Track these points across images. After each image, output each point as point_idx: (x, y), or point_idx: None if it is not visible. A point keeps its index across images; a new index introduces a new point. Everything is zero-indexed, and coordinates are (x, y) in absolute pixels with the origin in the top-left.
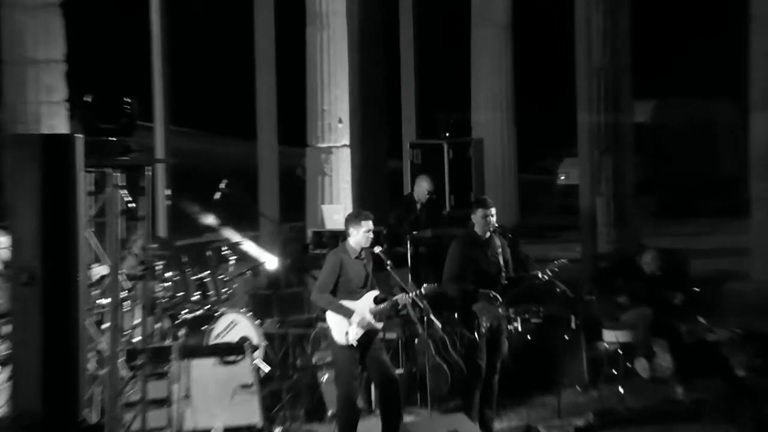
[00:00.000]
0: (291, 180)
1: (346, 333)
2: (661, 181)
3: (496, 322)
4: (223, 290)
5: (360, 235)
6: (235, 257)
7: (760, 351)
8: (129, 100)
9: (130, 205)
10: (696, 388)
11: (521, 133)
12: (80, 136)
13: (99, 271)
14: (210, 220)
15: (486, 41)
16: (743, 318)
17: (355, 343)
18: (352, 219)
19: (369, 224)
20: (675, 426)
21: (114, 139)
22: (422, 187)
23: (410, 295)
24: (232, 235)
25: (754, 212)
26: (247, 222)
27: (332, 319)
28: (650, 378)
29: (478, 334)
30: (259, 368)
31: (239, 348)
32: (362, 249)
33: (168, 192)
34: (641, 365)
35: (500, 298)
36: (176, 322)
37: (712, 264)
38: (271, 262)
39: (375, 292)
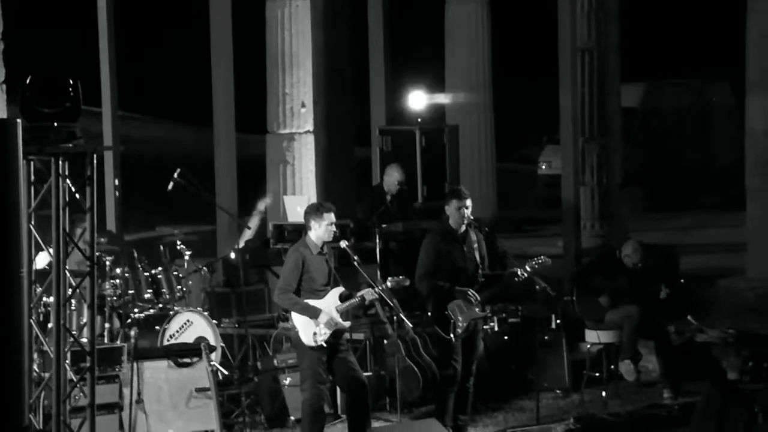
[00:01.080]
0: (250, 169)
1: (314, 334)
2: (650, 170)
3: (471, 321)
4: (178, 288)
5: (322, 229)
6: (189, 252)
7: (753, 353)
8: (73, 83)
9: (75, 195)
10: (684, 393)
11: (499, 119)
12: (19, 121)
13: (40, 260)
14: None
15: (462, 18)
16: (736, 317)
17: (323, 344)
18: (313, 212)
19: (331, 217)
20: None
21: (57, 124)
22: (392, 177)
23: (376, 289)
24: None
25: (749, 205)
26: (202, 214)
27: (298, 320)
28: (635, 381)
29: (452, 335)
30: (216, 371)
31: (195, 349)
32: (324, 244)
33: (116, 182)
34: (626, 368)
35: (476, 297)
36: (127, 321)
37: (705, 260)
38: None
39: (339, 289)
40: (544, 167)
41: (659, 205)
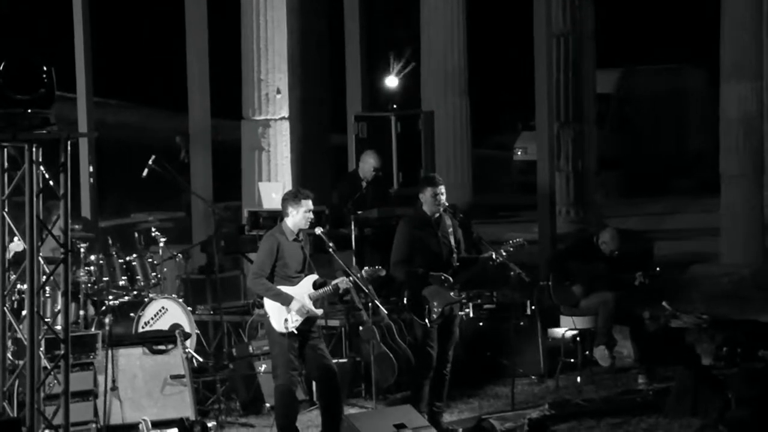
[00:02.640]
0: (225, 155)
1: (285, 320)
2: (625, 156)
3: (447, 306)
4: (152, 274)
5: (299, 216)
6: (164, 239)
7: (727, 339)
8: (47, 69)
9: (48, 182)
10: (659, 378)
11: (475, 106)
12: None
13: (13, 247)
14: None
15: (437, 4)
16: (711, 303)
17: (294, 331)
18: (291, 198)
19: (308, 204)
20: (635, 418)
21: (30, 110)
22: (368, 164)
23: (351, 278)
24: None
25: (723, 190)
26: (177, 201)
27: (270, 306)
28: (610, 367)
29: (428, 321)
30: (191, 358)
31: (170, 336)
32: (300, 231)
33: (91, 169)
34: (601, 354)
35: (452, 282)
36: (101, 308)
37: (680, 246)
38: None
39: (314, 277)
40: (519, 153)
41: (634, 190)
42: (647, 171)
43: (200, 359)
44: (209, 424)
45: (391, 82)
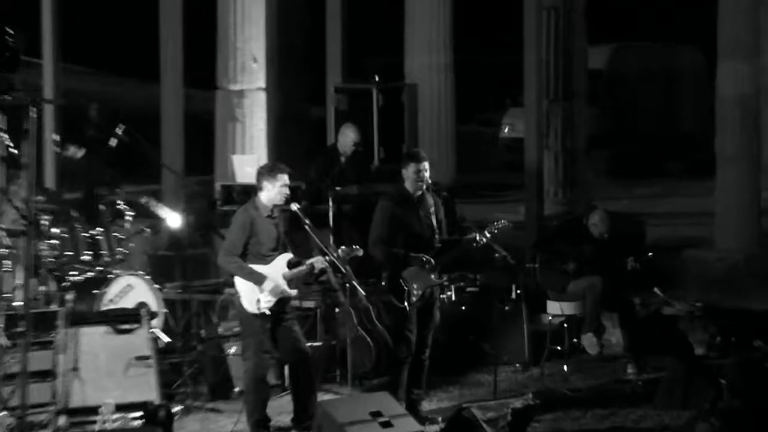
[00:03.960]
0: (197, 127)
1: (258, 301)
2: (617, 135)
3: (428, 290)
4: (118, 249)
5: (274, 191)
6: (132, 213)
7: (721, 327)
8: (12, 32)
9: (11, 150)
10: (649, 368)
11: (461, 80)
12: None
13: None
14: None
15: None
16: (704, 290)
17: (267, 312)
18: (266, 172)
19: (284, 178)
20: (624, 409)
21: None
22: (347, 138)
23: (327, 257)
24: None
25: (718, 173)
26: (147, 174)
27: (241, 285)
28: (598, 355)
29: (407, 303)
30: (157, 338)
31: (135, 315)
32: (275, 207)
33: (56, 137)
34: (589, 341)
35: (433, 263)
36: (63, 284)
37: (673, 229)
38: (173, 219)
39: (288, 255)
40: (506, 130)
41: (625, 171)
42: (639, 151)
43: (167, 340)
44: (175, 409)
45: None
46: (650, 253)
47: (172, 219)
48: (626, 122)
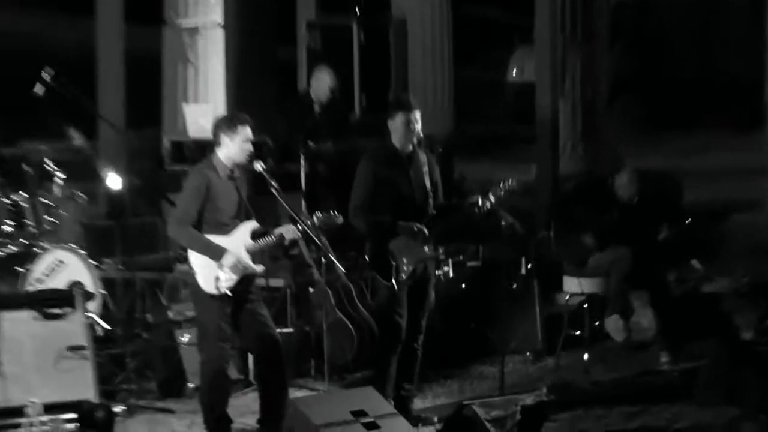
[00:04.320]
0: (141, 71)
1: (216, 279)
2: (647, 79)
3: (419, 264)
4: (46, 219)
5: (234, 147)
6: (64, 174)
7: None
8: None
9: None
10: (686, 356)
11: (459, 14)
12: None
13: None
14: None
15: None
16: (753, 262)
17: (227, 293)
18: (225, 124)
19: (247, 132)
20: (656, 405)
21: None
22: (323, 83)
23: (299, 227)
24: None
25: None
26: (80, 127)
27: (196, 261)
28: (625, 342)
29: (395, 282)
30: (94, 325)
31: (68, 297)
32: (235, 166)
33: None
34: (614, 325)
35: (425, 232)
36: None
37: (715, 190)
38: (113, 181)
39: (252, 224)
40: (514, 73)
41: (657, 122)
42: (674, 98)
43: (106, 326)
44: (116, 409)
45: None
46: (687, 219)
47: (112, 180)
48: (658, 63)
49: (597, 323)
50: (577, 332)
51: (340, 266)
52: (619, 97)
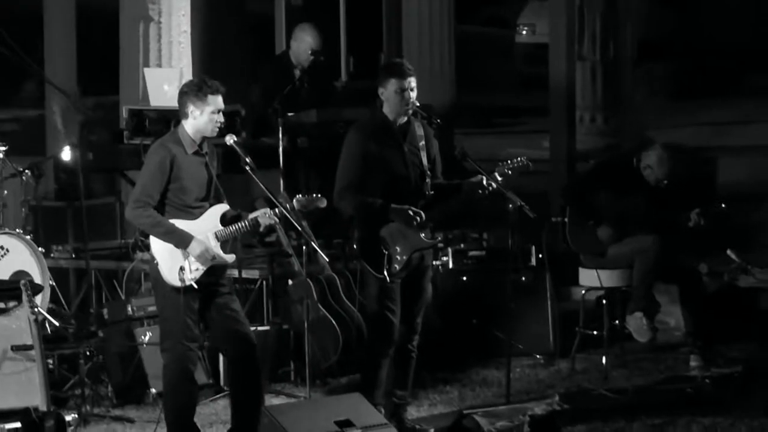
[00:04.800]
0: (95, 30)
1: (181, 270)
2: (678, 41)
3: (416, 254)
4: None
5: (203, 119)
6: (4, 148)
7: None
8: None
9: None
10: (719, 360)
11: None
12: None
13: None
14: None
15: None
16: None
17: (194, 285)
18: (192, 92)
19: (218, 101)
20: (685, 417)
21: None
22: (304, 44)
23: (276, 210)
24: None
25: None
26: (23, 94)
27: (159, 248)
28: (650, 343)
29: (388, 273)
30: (42, 321)
31: (12, 290)
32: (204, 140)
33: None
34: (637, 324)
35: (422, 217)
36: None
37: (754, 170)
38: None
39: (223, 207)
40: (524, 33)
41: (689, 89)
42: (710, 63)
43: (56, 323)
44: (67, 418)
45: None
46: (722, 204)
47: (63, 155)
48: (691, 23)
49: (617, 322)
50: (595, 332)
51: (323, 255)
52: (646, 62)
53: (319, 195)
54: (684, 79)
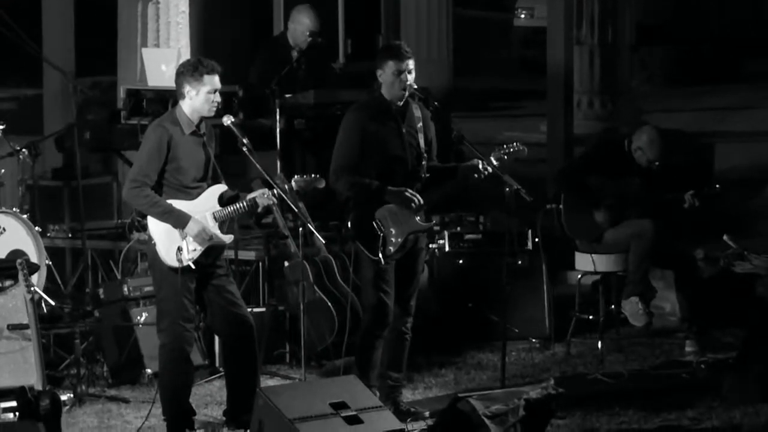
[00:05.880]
0: (92, 9)
1: (179, 250)
2: (676, 25)
3: (410, 236)
4: None
5: (200, 98)
6: (1, 126)
7: None
8: None
9: None
10: (715, 346)
11: None
12: None
13: None
14: None
15: None
16: None
17: (191, 266)
18: (189, 72)
19: (214, 81)
20: (679, 402)
21: None
22: (301, 25)
23: (275, 191)
24: None
25: None
26: (23, 73)
27: (157, 229)
28: (645, 328)
29: (383, 255)
30: (39, 300)
31: (8, 269)
32: (202, 120)
33: None
34: (633, 309)
35: (418, 199)
36: None
37: (753, 155)
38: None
39: (221, 188)
40: (522, 16)
41: (688, 74)
42: (708, 48)
43: (52, 303)
44: (63, 397)
45: None
46: (716, 185)
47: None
48: (689, 8)
49: (613, 306)
50: (590, 316)
51: (319, 237)
52: (644, 46)
53: (317, 176)
54: (682, 64)
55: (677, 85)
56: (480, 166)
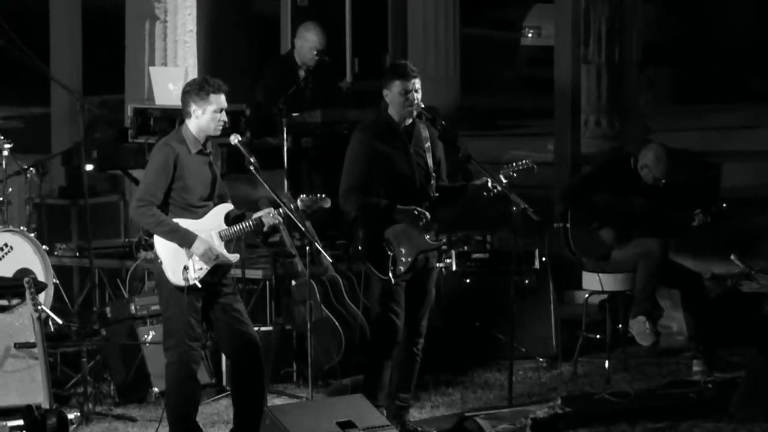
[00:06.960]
0: (101, 28)
1: (185, 269)
2: (683, 45)
3: (420, 256)
4: None
5: (206, 117)
6: (9, 145)
7: None
8: None
9: None
10: (722, 365)
11: None
12: None
13: None
14: None
15: None
16: None
17: (198, 285)
18: (195, 91)
19: (221, 100)
20: (687, 422)
21: None
22: (308, 43)
23: (280, 210)
24: None
25: None
26: (30, 92)
27: (163, 248)
28: (653, 347)
29: (392, 275)
30: (46, 319)
31: (15, 288)
32: (208, 139)
33: None
34: (640, 328)
35: (427, 217)
36: None
37: (759, 174)
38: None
39: (227, 207)
40: (530, 35)
41: (694, 93)
42: (715, 67)
43: (59, 321)
44: (70, 416)
45: None
46: (723, 204)
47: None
48: (697, 27)
49: (620, 326)
50: (597, 336)
51: (327, 256)
52: (651, 65)
53: (323, 195)
54: (689, 83)
55: (684, 104)
56: (488, 185)
